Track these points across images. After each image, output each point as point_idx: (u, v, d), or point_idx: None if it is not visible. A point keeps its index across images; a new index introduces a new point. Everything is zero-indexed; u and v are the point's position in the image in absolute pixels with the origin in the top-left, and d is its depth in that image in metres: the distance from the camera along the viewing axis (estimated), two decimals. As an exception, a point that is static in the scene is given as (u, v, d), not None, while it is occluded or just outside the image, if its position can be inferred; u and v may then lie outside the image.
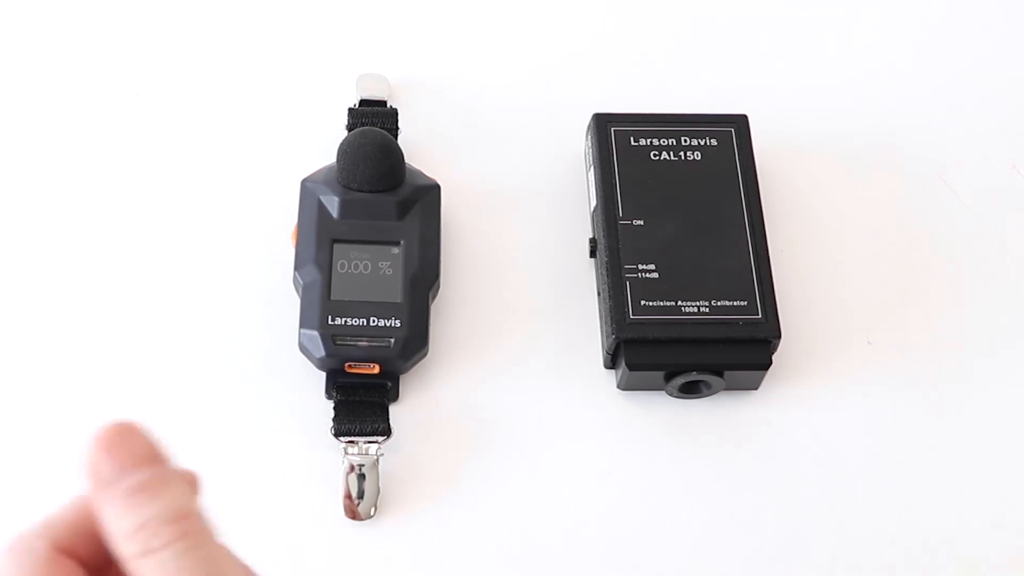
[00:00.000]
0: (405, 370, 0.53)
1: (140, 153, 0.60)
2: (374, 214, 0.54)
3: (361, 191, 0.55)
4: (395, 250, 0.54)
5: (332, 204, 0.55)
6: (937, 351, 0.56)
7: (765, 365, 0.53)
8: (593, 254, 0.57)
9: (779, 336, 0.53)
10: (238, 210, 0.58)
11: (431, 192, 0.56)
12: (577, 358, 0.55)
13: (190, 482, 0.35)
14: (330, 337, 0.52)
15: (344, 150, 0.55)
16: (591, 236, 0.57)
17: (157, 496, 0.33)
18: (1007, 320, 0.57)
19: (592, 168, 0.58)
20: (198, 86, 0.62)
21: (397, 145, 0.56)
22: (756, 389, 0.55)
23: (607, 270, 0.54)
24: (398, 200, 0.55)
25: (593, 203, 0.57)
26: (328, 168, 0.56)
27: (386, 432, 0.52)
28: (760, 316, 0.53)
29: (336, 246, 0.54)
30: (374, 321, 0.52)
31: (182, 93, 0.62)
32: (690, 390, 0.54)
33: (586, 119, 0.59)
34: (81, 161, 0.59)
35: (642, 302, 0.53)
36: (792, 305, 0.56)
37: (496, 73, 0.64)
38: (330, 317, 0.52)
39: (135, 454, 0.33)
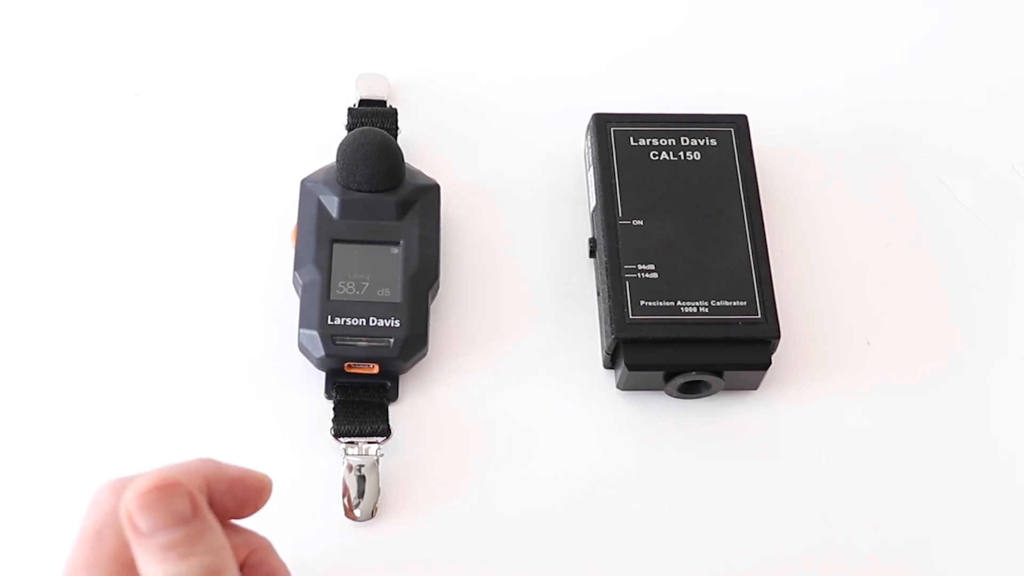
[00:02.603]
0: (405, 370, 0.53)
1: (140, 153, 0.60)
2: (374, 214, 0.54)
3: (361, 191, 0.55)
4: (395, 250, 0.54)
5: (332, 204, 0.55)
6: (936, 351, 0.56)
7: (764, 365, 0.53)
8: (593, 254, 0.57)
9: (778, 336, 0.53)
10: (238, 210, 0.58)
11: (431, 192, 0.56)
12: (577, 358, 0.55)
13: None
14: (329, 337, 0.52)
15: (344, 150, 0.55)
16: (591, 236, 0.57)
17: (187, 556, 0.36)
18: (1006, 320, 0.57)
19: (592, 168, 0.58)
20: (198, 86, 0.62)
21: (396, 145, 0.56)
22: (755, 389, 0.55)
23: (607, 270, 0.54)
24: (398, 200, 0.55)
25: (593, 203, 0.57)
26: (328, 168, 0.56)
27: (386, 432, 0.52)
28: (759, 316, 0.53)
29: (336, 246, 0.54)
30: (374, 321, 0.52)
31: (182, 93, 0.62)
32: (690, 390, 0.54)
33: (586, 119, 0.59)
34: (81, 161, 0.59)
35: (641, 302, 0.53)
36: (792, 305, 0.56)
37: (496, 73, 0.64)
38: (330, 317, 0.52)
39: (172, 513, 0.36)
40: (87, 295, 0.56)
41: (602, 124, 0.58)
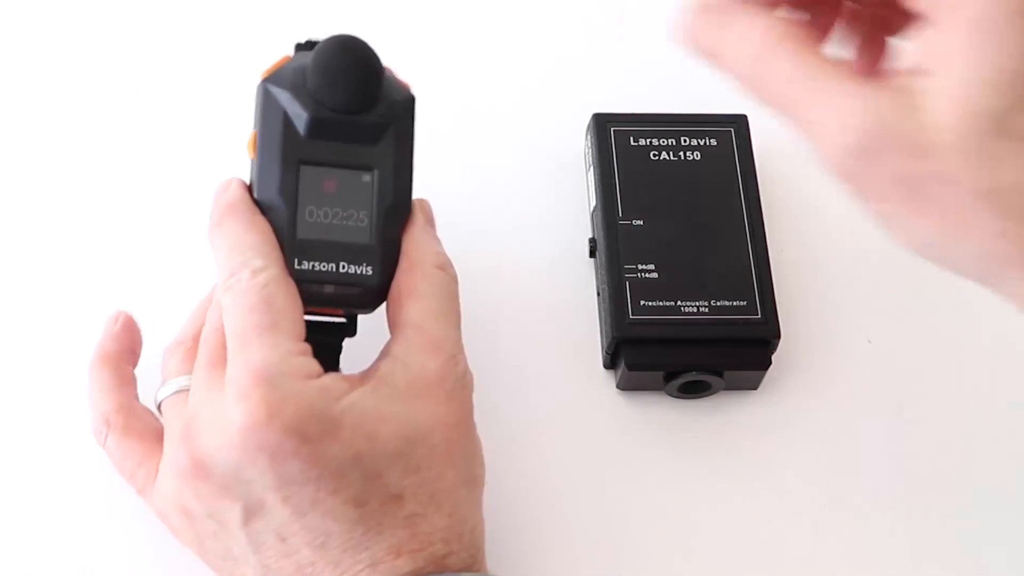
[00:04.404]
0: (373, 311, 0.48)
1: (140, 152, 0.60)
2: (347, 136, 0.46)
3: (336, 112, 0.46)
4: (366, 177, 0.47)
5: (300, 120, 0.46)
6: (937, 350, 0.56)
7: (764, 365, 0.53)
8: (593, 254, 0.57)
9: (778, 336, 0.53)
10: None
11: (406, 107, 0.48)
12: (577, 358, 0.55)
13: None
14: (295, 283, 0.45)
15: (324, 63, 0.46)
16: (591, 236, 0.57)
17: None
18: (1007, 319, 0.57)
19: (592, 168, 0.58)
20: (198, 85, 0.62)
21: (380, 60, 0.48)
22: (755, 389, 0.55)
23: (607, 270, 0.54)
24: (373, 121, 0.47)
25: (593, 203, 0.57)
26: (294, 70, 0.47)
27: None
28: (759, 316, 0.53)
29: (303, 169, 0.46)
30: (344, 267, 0.46)
31: (182, 92, 0.62)
32: (690, 390, 0.54)
33: (586, 119, 0.59)
34: (81, 160, 0.60)
35: (642, 302, 0.53)
36: (792, 305, 0.56)
37: (496, 72, 0.64)
38: (296, 260, 0.45)
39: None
40: (86, 293, 0.56)
41: (602, 124, 0.58)
